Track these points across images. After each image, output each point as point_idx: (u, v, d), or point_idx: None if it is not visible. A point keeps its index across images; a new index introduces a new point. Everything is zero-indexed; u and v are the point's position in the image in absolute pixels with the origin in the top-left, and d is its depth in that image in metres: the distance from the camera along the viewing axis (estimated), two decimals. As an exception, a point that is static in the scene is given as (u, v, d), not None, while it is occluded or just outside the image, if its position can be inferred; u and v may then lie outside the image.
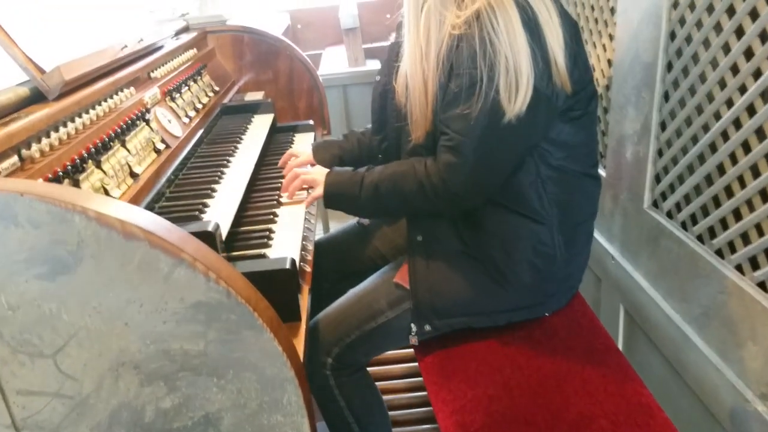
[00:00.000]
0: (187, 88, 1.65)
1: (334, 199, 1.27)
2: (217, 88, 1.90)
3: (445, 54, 1.10)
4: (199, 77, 1.80)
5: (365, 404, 1.38)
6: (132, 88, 1.34)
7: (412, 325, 1.27)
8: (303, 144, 1.69)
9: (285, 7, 6.62)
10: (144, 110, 1.30)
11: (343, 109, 3.17)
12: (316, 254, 1.31)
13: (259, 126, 1.77)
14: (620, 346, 1.58)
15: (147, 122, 1.31)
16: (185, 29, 2.03)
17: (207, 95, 1.79)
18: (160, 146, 1.31)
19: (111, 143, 1.12)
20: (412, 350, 1.66)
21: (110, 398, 0.69)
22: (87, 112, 1.11)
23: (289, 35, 5.38)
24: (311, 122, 1.93)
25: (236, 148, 1.55)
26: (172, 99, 1.52)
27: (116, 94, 1.26)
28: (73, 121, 1.04)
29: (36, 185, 0.61)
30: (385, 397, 1.45)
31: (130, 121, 1.21)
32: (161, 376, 0.69)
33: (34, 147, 0.90)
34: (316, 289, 1.50)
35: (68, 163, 0.96)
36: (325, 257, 1.54)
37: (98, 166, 1.05)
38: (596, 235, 1.65)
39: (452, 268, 1.24)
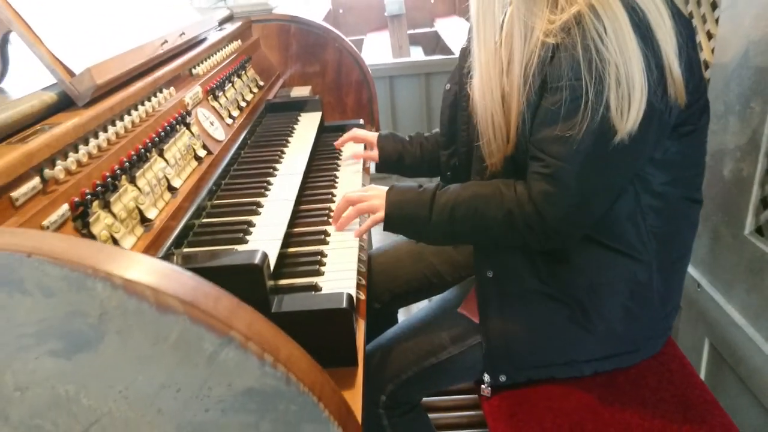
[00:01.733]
0: (230, 84, 1.51)
1: (397, 222, 1.08)
2: (261, 83, 1.76)
3: (537, 68, 0.93)
4: (244, 71, 1.66)
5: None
6: (172, 88, 1.21)
7: (485, 375, 1.12)
8: (353, 148, 1.55)
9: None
10: (185, 113, 1.17)
11: (389, 105, 3.00)
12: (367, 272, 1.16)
13: (307, 126, 1.63)
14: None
15: (188, 126, 1.18)
16: (229, 18, 1.89)
17: (251, 91, 1.65)
18: (201, 153, 1.18)
19: (147, 154, 0.99)
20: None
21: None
22: (121, 119, 0.98)
23: (330, 20, 5.23)
24: (361, 121, 1.78)
25: (283, 153, 1.42)
26: (215, 98, 1.39)
27: (154, 96, 1.13)
28: (105, 131, 0.92)
29: (47, 241, 0.48)
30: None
31: (169, 127, 1.08)
32: (202, 472, 0.55)
33: (59, 165, 0.78)
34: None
35: (98, 182, 0.83)
36: (376, 275, 1.40)
37: (132, 181, 0.93)
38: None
39: (530, 310, 1.08)
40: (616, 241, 1.00)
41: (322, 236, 1.13)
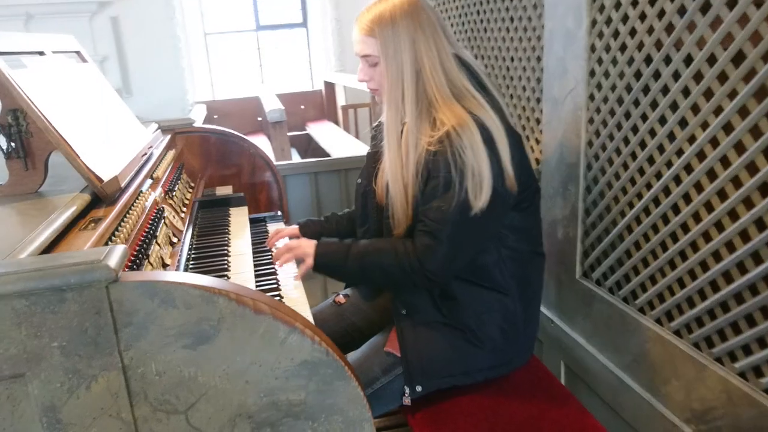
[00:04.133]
0: (177, 186, 1.83)
1: (322, 266, 1.49)
2: (192, 184, 2.09)
3: (423, 165, 1.38)
4: (182, 175, 1.98)
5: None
6: (148, 189, 1.52)
7: (406, 387, 1.48)
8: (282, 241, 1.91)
9: (202, 98, 6.85)
10: (161, 208, 1.48)
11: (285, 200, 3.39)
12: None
13: (239, 218, 1.96)
14: (563, 397, 1.86)
15: (164, 219, 1.48)
16: (159, 130, 2.22)
17: (189, 191, 1.97)
18: (174, 240, 1.49)
19: (148, 240, 1.29)
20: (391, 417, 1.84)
21: (226, 446, 0.86)
22: (128, 214, 1.28)
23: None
24: (280, 213, 2.15)
25: (229, 239, 1.74)
26: (171, 197, 1.70)
27: (140, 195, 1.43)
28: (125, 219, 1.22)
29: (189, 277, 0.80)
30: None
31: (155, 219, 1.39)
32: (269, 423, 0.86)
33: (116, 237, 1.07)
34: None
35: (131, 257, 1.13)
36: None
37: (148, 259, 1.22)
38: (536, 303, 1.96)
39: (435, 335, 1.48)
40: (489, 282, 1.44)
41: (280, 298, 1.47)
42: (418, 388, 1.46)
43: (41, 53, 1.39)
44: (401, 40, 1.36)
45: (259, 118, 6.50)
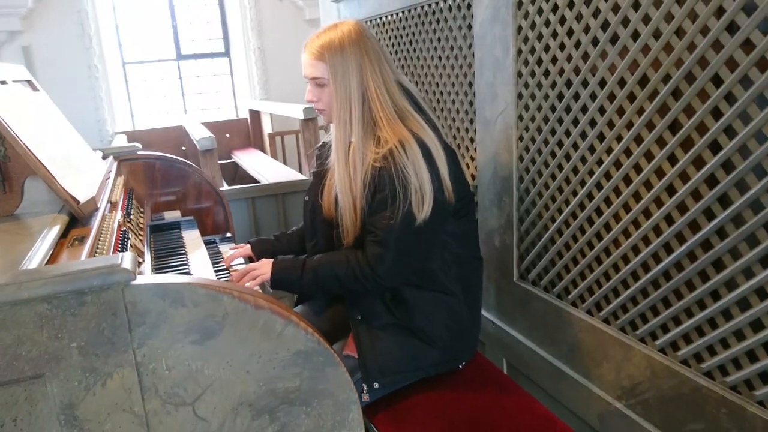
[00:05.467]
0: (131, 210, 1.87)
1: (278, 281, 1.59)
2: (142, 210, 2.12)
3: (370, 180, 1.50)
4: (133, 200, 2.02)
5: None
6: (111, 212, 1.56)
7: (364, 385, 1.58)
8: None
9: (122, 128, 6.73)
10: (125, 229, 1.53)
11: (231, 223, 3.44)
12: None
13: (193, 241, 2.02)
14: (507, 393, 2.02)
15: (128, 240, 1.53)
16: (103, 158, 2.24)
17: (140, 216, 2.01)
18: (140, 260, 1.54)
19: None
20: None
21: (229, 433, 0.93)
22: (102, 233, 1.33)
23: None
24: (229, 235, 2.22)
25: (187, 259, 1.80)
26: (129, 220, 1.74)
27: (106, 217, 1.48)
28: (101, 241, 1.27)
29: (195, 278, 0.89)
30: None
31: (123, 240, 1.44)
32: (267, 410, 0.95)
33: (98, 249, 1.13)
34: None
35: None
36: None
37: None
38: (477, 307, 2.12)
39: (389, 336, 1.60)
40: (435, 285, 1.58)
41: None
42: (375, 385, 1.57)
43: (3, 82, 1.43)
44: (349, 65, 1.50)
45: (183, 147, 6.43)
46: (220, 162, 6.44)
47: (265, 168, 5.41)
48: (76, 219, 1.26)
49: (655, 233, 1.38)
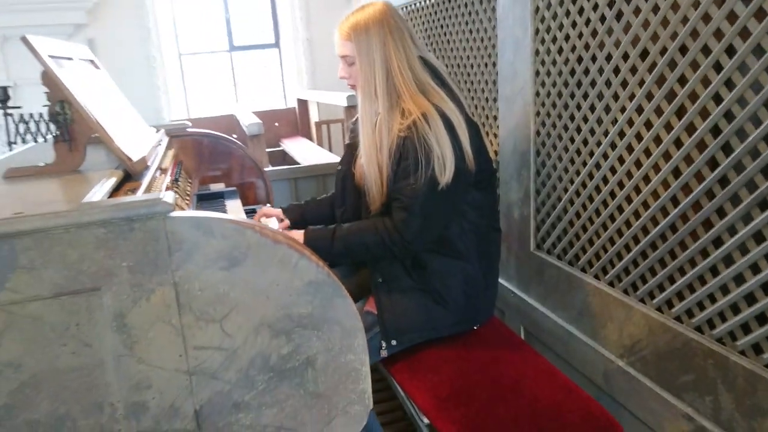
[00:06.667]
0: (179, 178, 2.07)
1: (311, 250, 1.73)
2: (190, 181, 2.32)
3: (395, 149, 1.64)
4: (181, 171, 2.22)
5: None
6: (161, 175, 1.76)
7: (383, 342, 1.73)
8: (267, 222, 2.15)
9: (178, 116, 7.06)
10: (173, 190, 1.72)
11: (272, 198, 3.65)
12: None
13: (235, 208, 2.21)
14: (524, 358, 2.13)
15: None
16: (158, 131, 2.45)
17: (188, 184, 2.21)
18: (185, 218, 1.72)
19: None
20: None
21: (251, 349, 1.09)
22: (152, 188, 1.52)
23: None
24: (269, 205, 2.40)
25: (228, 222, 1.98)
26: (177, 186, 1.94)
27: (156, 178, 1.67)
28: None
29: (224, 215, 1.06)
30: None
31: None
32: (284, 331, 1.11)
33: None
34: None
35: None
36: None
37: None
38: (499, 279, 2.24)
39: (407, 298, 1.73)
40: (453, 252, 1.70)
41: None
42: (393, 342, 1.71)
43: (70, 59, 1.63)
44: (373, 43, 1.64)
45: (234, 135, 6.72)
46: (268, 150, 6.71)
47: (310, 154, 5.62)
48: (129, 176, 1.45)
49: (653, 198, 1.48)
